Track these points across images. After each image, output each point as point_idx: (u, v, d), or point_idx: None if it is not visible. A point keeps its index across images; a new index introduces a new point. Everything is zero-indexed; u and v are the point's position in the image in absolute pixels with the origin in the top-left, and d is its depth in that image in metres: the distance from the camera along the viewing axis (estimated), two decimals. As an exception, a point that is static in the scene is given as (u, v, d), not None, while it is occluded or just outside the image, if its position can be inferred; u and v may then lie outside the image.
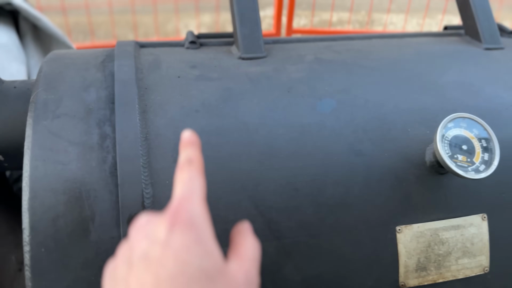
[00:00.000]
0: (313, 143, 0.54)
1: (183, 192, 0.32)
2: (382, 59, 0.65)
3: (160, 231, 0.30)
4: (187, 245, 0.29)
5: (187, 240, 0.29)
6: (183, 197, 0.32)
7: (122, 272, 0.30)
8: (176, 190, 0.33)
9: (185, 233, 0.30)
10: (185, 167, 0.34)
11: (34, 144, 0.50)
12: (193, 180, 0.33)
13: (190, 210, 0.31)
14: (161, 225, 0.31)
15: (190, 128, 0.53)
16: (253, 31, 0.65)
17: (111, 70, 0.58)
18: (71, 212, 0.47)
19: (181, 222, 0.30)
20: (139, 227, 0.32)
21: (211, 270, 0.29)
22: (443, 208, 0.55)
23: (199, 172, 0.34)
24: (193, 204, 0.32)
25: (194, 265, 0.28)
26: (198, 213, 0.31)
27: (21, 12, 1.02)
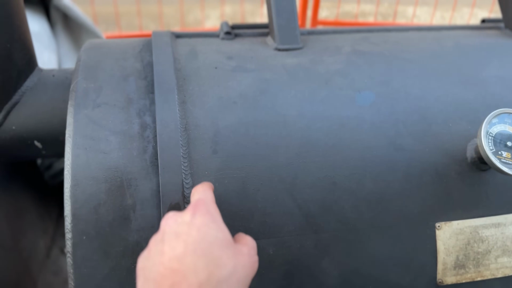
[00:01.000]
0: (352, 137, 0.53)
1: (201, 195, 0.44)
2: (421, 52, 0.64)
3: (185, 217, 0.40)
4: (206, 223, 0.39)
5: (205, 220, 0.39)
6: (200, 198, 0.43)
7: (156, 249, 0.38)
8: (194, 195, 0.45)
9: (204, 216, 0.40)
10: (200, 185, 0.47)
11: (76, 132, 0.50)
12: (206, 190, 0.45)
13: (206, 204, 0.42)
14: (186, 213, 0.40)
15: (227, 120, 0.52)
16: (290, 22, 0.65)
17: (149, 60, 0.58)
18: (113, 200, 0.48)
19: (200, 210, 0.40)
20: (168, 218, 0.41)
21: (224, 240, 0.39)
22: (484, 205, 0.54)
23: (210, 190, 0.46)
24: (208, 202, 0.42)
25: (211, 235, 0.38)
26: (212, 207, 0.42)
27: (52, 1, 1.02)
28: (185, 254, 0.36)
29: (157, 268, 0.37)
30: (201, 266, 0.36)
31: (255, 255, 0.42)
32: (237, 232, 0.49)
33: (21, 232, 0.98)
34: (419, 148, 0.54)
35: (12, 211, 0.92)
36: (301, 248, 0.51)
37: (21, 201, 0.98)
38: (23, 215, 1.00)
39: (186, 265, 0.36)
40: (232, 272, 0.37)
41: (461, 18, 3.14)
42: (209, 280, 0.35)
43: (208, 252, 0.37)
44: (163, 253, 0.37)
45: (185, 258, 0.36)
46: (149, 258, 0.38)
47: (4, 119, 0.58)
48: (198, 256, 0.36)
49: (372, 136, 0.54)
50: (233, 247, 0.39)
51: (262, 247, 0.50)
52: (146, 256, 0.39)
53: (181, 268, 0.36)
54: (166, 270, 0.36)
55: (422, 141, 0.54)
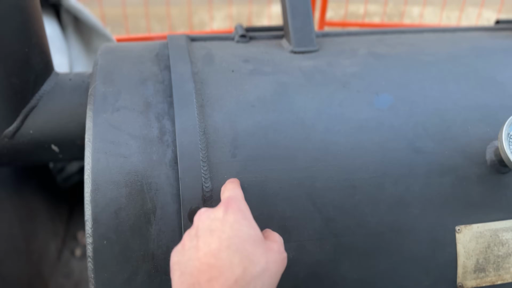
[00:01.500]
0: (371, 140, 0.53)
1: (231, 193, 0.45)
2: (438, 54, 0.64)
3: (218, 213, 0.41)
4: (238, 220, 0.40)
5: (237, 217, 0.41)
6: (231, 195, 0.44)
7: (190, 244, 0.39)
8: (225, 193, 0.46)
9: (236, 213, 0.41)
10: (229, 183, 0.48)
11: (96, 137, 0.50)
12: (236, 188, 0.46)
13: (237, 202, 0.43)
14: (218, 210, 0.41)
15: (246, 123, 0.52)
16: (305, 24, 0.64)
17: (166, 64, 0.58)
18: (133, 204, 0.48)
19: (232, 207, 0.41)
20: (201, 214, 0.42)
21: (255, 237, 0.40)
22: (504, 208, 0.54)
23: (238, 185, 0.48)
24: (239, 199, 0.44)
25: (244, 231, 0.39)
26: (243, 204, 0.43)
27: (63, 5, 1.03)
28: (220, 250, 0.37)
29: (193, 263, 0.38)
30: (236, 262, 0.37)
31: (284, 252, 0.43)
32: None
33: (33, 235, 0.99)
34: (438, 151, 0.53)
35: (25, 213, 0.93)
36: (321, 252, 0.50)
37: (33, 204, 0.98)
38: (35, 217, 1.00)
39: (222, 261, 0.37)
40: (265, 268, 0.38)
41: (467, 18, 3.13)
42: (244, 275, 0.37)
43: (242, 248, 0.38)
44: (198, 248, 0.38)
45: (220, 254, 0.37)
46: (184, 253, 0.39)
47: (22, 123, 0.58)
48: (233, 252, 0.37)
49: (392, 139, 0.53)
50: (264, 244, 0.40)
51: None
52: (180, 250, 0.40)
53: (217, 263, 0.37)
54: (202, 265, 0.37)
55: (441, 144, 0.54)
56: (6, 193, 0.83)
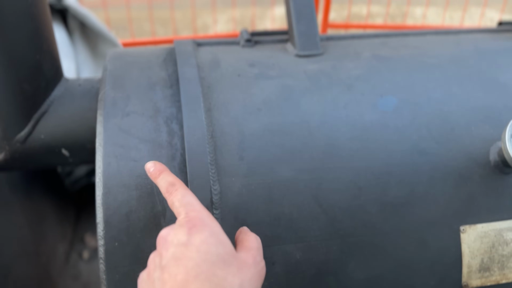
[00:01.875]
0: (376, 142, 0.54)
1: (185, 206, 0.40)
2: (441, 56, 0.65)
3: (181, 236, 0.37)
4: (204, 239, 0.37)
5: (203, 236, 0.37)
6: (187, 209, 0.40)
7: (156, 275, 0.37)
8: (177, 209, 0.41)
9: (201, 232, 0.37)
10: (173, 190, 0.42)
11: (106, 141, 0.51)
12: (186, 195, 0.41)
13: (198, 215, 0.39)
14: (180, 231, 0.38)
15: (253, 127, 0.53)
16: (310, 28, 0.65)
17: (173, 69, 0.59)
18: (144, 207, 0.49)
19: (195, 225, 0.38)
20: (162, 238, 0.39)
21: (226, 256, 0.37)
22: (508, 208, 0.54)
23: (185, 188, 0.42)
24: (198, 210, 0.40)
25: (212, 253, 0.36)
26: (205, 214, 0.39)
27: (70, 10, 1.04)
28: (188, 281, 0.34)
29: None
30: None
31: (261, 261, 0.40)
32: (264, 237, 0.50)
33: (42, 237, 1.00)
34: (442, 152, 0.54)
35: (34, 217, 0.94)
36: (327, 253, 0.51)
37: (42, 207, 0.99)
38: (44, 220, 1.01)
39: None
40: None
41: (470, 18, 3.13)
42: None
43: (212, 275, 0.35)
44: (164, 281, 0.35)
45: (188, 286, 0.34)
46: (150, 284, 0.37)
47: (33, 128, 0.59)
48: (202, 282, 0.35)
49: (396, 141, 0.54)
50: (236, 261, 0.38)
51: (289, 251, 0.51)
52: (146, 280, 0.38)
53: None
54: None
55: (445, 145, 0.55)
56: (16, 197, 0.85)
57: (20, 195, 0.86)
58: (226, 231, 0.49)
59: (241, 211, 0.50)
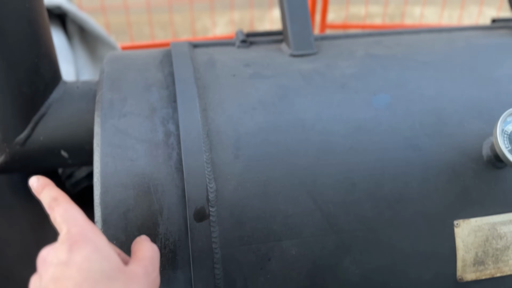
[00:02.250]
0: (370, 139, 0.55)
1: (67, 221, 0.37)
2: (434, 53, 0.65)
3: (61, 255, 0.35)
4: (86, 256, 0.35)
5: (85, 253, 0.35)
6: (69, 225, 0.37)
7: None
8: (59, 225, 0.38)
9: (83, 247, 0.35)
10: (55, 205, 0.40)
11: (104, 141, 0.52)
12: (68, 209, 0.39)
13: (80, 229, 0.37)
14: (61, 249, 0.35)
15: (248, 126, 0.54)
16: (304, 28, 0.66)
17: (169, 70, 0.60)
18: (141, 206, 0.50)
19: (77, 241, 0.35)
20: (42, 260, 0.37)
21: (111, 271, 0.35)
22: (501, 202, 0.55)
23: (68, 202, 0.40)
24: (81, 224, 0.37)
25: (95, 270, 0.34)
26: (88, 228, 0.37)
27: (68, 15, 1.05)
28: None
29: None
30: None
31: (153, 271, 0.39)
32: (259, 233, 0.50)
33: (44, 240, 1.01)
34: (435, 148, 0.55)
35: (36, 219, 0.95)
36: (323, 249, 0.52)
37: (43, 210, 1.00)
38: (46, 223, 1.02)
39: None
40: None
41: (469, 17, 3.13)
42: None
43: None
44: None
45: None
46: None
47: (32, 131, 0.60)
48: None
49: (389, 138, 0.55)
50: (124, 275, 0.36)
51: (285, 248, 0.51)
52: None
53: None
54: None
55: (438, 141, 0.55)
56: (17, 200, 0.86)
57: (21, 197, 0.87)
58: (222, 228, 0.50)
59: (236, 208, 0.51)
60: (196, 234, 0.49)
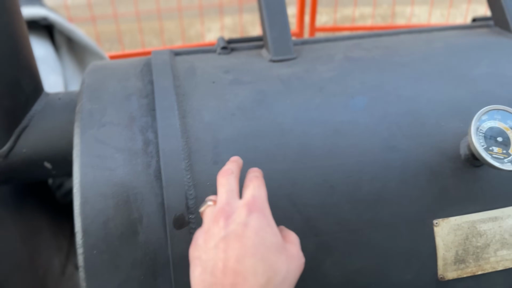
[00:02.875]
0: (348, 141, 0.55)
1: (255, 192, 0.44)
2: (412, 54, 0.66)
3: (241, 216, 0.42)
4: (263, 227, 0.41)
5: (262, 224, 0.41)
6: (255, 195, 0.44)
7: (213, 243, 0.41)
8: (248, 191, 0.45)
9: (261, 220, 0.42)
10: (254, 178, 0.47)
11: (83, 152, 0.53)
12: (260, 187, 0.46)
13: (261, 205, 0.43)
14: (242, 210, 0.42)
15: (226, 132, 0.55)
16: (282, 34, 0.67)
17: (150, 79, 0.61)
18: (120, 215, 0.50)
19: (257, 211, 0.42)
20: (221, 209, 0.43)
21: (278, 244, 0.41)
22: (480, 200, 0.56)
23: (263, 183, 0.47)
24: (263, 201, 0.44)
25: (268, 240, 0.41)
26: (267, 208, 0.44)
27: (56, 26, 1.06)
28: (245, 256, 0.39)
29: (217, 264, 0.39)
30: (260, 271, 0.39)
31: (302, 256, 0.44)
32: None
33: (37, 251, 1.01)
34: (413, 148, 0.55)
35: (27, 231, 0.95)
36: (303, 252, 0.52)
37: (35, 221, 1.01)
38: (38, 234, 1.03)
39: (247, 268, 0.38)
40: (285, 276, 0.40)
41: (461, 15, 3.15)
42: (268, 284, 0.38)
43: (266, 257, 0.39)
44: (224, 251, 0.39)
45: (245, 261, 0.39)
46: (207, 251, 0.41)
47: (15, 143, 0.60)
48: (258, 260, 0.39)
49: (367, 139, 0.55)
50: (285, 251, 0.42)
51: None
52: (203, 247, 0.42)
53: (242, 269, 0.38)
54: (227, 269, 0.39)
55: (415, 141, 0.56)
56: (7, 212, 0.86)
57: (11, 209, 0.87)
58: (202, 235, 0.50)
59: None
60: (176, 241, 0.50)
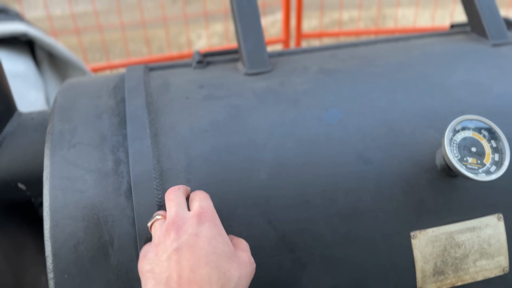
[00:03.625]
0: (322, 154, 0.55)
1: (202, 203, 0.47)
2: (388, 64, 0.66)
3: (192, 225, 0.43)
4: (213, 236, 0.43)
5: (213, 233, 0.43)
6: (203, 205, 0.46)
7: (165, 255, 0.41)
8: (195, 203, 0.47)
9: (211, 228, 0.43)
10: (198, 192, 0.49)
11: (53, 174, 0.52)
12: (207, 198, 0.48)
13: (211, 214, 0.45)
14: (192, 221, 0.44)
15: (199, 149, 0.54)
16: (257, 46, 0.66)
17: (122, 96, 0.60)
18: (91, 237, 0.49)
19: (206, 220, 0.44)
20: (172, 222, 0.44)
21: (230, 252, 0.43)
22: (457, 211, 0.55)
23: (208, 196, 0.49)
24: (212, 211, 0.46)
25: (220, 248, 0.42)
26: (217, 218, 0.46)
27: (36, 41, 1.05)
28: (199, 266, 0.40)
29: (171, 275, 0.40)
30: (214, 279, 0.40)
31: (253, 262, 0.45)
32: None
33: (23, 268, 1.00)
34: (387, 160, 0.55)
35: (11, 249, 0.94)
36: (279, 269, 0.52)
37: (20, 238, 1.00)
38: (23, 251, 1.01)
39: (201, 277, 0.40)
40: (238, 283, 0.41)
41: (449, 16, 3.16)
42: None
43: (219, 265, 0.41)
44: (177, 262, 0.40)
45: (199, 270, 0.40)
46: (159, 263, 0.41)
47: (-13, 165, 0.60)
48: (212, 269, 0.40)
49: (341, 152, 0.55)
50: (236, 259, 0.43)
51: None
52: (154, 259, 0.42)
53: (197, 279, 0.39)
54: (181, 279, 0.39)
55: (390, 153, 0.55)
56: (-11, 231, 0.85)
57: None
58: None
59: None
60: None
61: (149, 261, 0.42)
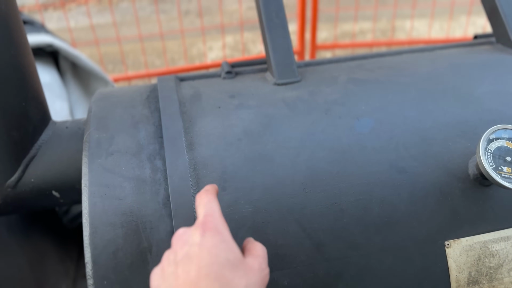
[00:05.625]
0: (355, 163, 0.55)
1: (206, 210, 0.44)
2: (416, 74, 0.66)
3: (195, 237, 0.42)
4: (216, 244, 0.41)
5: (215, 241, 0.41)
6: (207, 213, 0.44)
7: (170, 270, 0.40)
8: (199, 210, 0.45)
9: (214, 237, 0.41)
10: (203, 193, 0.47)
11: (91, 181, 0.53)
12: (211, 202, 0.46)
13: (214, 221, 0.43)
14: (195, 233, 0.42)
15: (234, 157, 0.55)
16: (286, 57, 0.67)
17: (156, 106, 0.61)
18: (130, 244, 0.50)
19: (210, 228, 0.42)
20: (178, 237, 0.43)
21: (234, 260, 0.41)
22: (491, 220, 0.55)
23: (214, 196, 0.47)
24: (215, 218, 0.44)
25: (222, 257, 0.40)
26: (220, 223, 0.44)
27: (60, 52, 1.07)
28: (199, 278, 0.38)
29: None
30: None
31: (266, 268, 0.43)
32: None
33: (44, 277, 1.01)
34: (421, 169, 0.55)
35: (34, 257, 0.95)
36: (314, 277, 0.52)
37: (42, 247, 1.01)
38: (45, 260, 1.02)
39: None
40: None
41: (460, 28, 3.17)
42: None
43: (221, 276, 0.39)
44: (178, 276, 0.39)
45: (200, 282, 0.38)
46: (164, 278, 0.41)
47: (23, 173, 0.61)
48: (212, 280, 0.38)
49: (374, 161, 0.55)
50: (243, 266, 0.41)
51: (276, 279, 0.51)
52: (160, 274, 0.41)
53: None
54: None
55: (423, 162, 0.56)
56: (15, 238, 0.86)
57: (18, 236, 0.87)
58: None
59: None
60: None
61: (155, 276, 0.42)
